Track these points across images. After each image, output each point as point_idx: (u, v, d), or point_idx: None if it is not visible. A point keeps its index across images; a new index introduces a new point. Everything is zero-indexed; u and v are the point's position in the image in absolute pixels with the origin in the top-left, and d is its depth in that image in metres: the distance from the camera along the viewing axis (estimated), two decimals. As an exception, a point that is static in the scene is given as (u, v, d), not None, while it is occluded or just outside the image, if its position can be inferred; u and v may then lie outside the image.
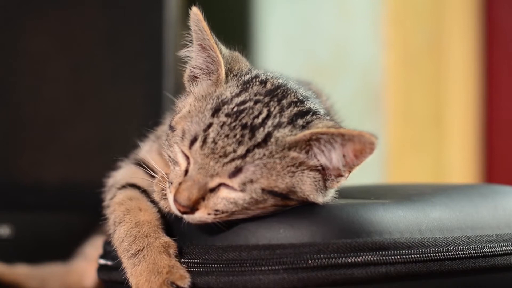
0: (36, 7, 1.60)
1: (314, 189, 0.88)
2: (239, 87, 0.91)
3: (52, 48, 1.60)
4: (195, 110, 0.90)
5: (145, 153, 1.03)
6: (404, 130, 2.32)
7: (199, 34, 0.93)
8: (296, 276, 0.84)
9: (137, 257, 0.89)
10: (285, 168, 0.86)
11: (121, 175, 1.03)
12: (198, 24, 0.92)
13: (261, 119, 0.87)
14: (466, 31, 2.42)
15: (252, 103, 0.88)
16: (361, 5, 2.32)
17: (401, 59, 2.30)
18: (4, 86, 1.59)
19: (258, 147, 0.85)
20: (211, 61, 0.93)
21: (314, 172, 0.88)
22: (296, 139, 0.87)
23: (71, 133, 1.60)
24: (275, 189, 0.86)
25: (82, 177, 1.05)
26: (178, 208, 0.86)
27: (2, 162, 1.59)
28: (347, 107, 2.29)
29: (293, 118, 0.88)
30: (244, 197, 0.85)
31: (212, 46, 0.92)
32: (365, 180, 2.13)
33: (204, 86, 0.93)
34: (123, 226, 0.92)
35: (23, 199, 1.57)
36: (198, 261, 0.88)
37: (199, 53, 0.94)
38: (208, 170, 0.85)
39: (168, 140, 0.91)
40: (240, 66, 0.95)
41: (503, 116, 2.48)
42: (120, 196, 0.97)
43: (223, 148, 0.85)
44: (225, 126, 0.86)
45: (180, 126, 0.90)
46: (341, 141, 0.86)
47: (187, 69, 0.96)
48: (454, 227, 0.93)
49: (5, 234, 1.54)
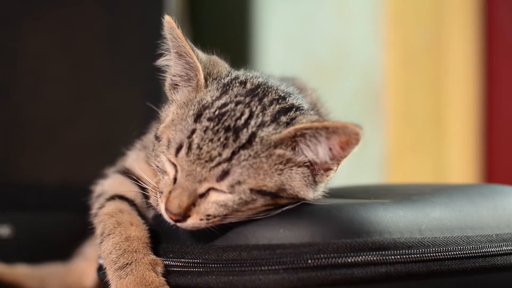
0: (36, 7, 1.60)
1: (304, 185, 0.88)
2: (219, 90, 0.91)
3: (52, 48, 1.60)
4: (178, 118, 0.90)
5: (132, 162, 1.03)
6: (404, 130, 2.32)
7: (174, 42, 0.93)
8: (296, 276, 0.84)
9: (124, 270, 0.89)
10: (273, 167, 0.86)
11: (109, 184, 1.03)
12: (172, 32, 0.92)
13: (244, 120, 0.87)
14: (466, 31, 2.42)
15: (233, 105, 0.88)
16: (361, 5, 2.32)
17: (401, 59, 2.30)
18: (4, 86, 1.59)
19: (243, 148, 0.85)
20: (189, 68, 0.93)
21: (303, 168, 0.88)
22: (281, 137, 0.86)
23: (71, 133, 1.60)
24: (264, 188, 0.86)
25: (82, 177, 1.05)
26: (170, 216, 0.87)
27: (2, 162, 1.59)
28: (347, 107, 2.30)
29: (276, 115, 0.88)
30: (234, 199, 0.85)
31: (188, 52, 0.92)
32: (365, 180, 2.13)
33: (185, 93, 0.93)
34: (113, 239, 0.92)
35: (23, 199, 1.57)
36: (198, 261, 0.88)
37: (176, 61, 0.94)
38: (196, 176, 0.85)
39: (155, 151, 0.91)
40: (219, 69, 0.95)
41: (503, 116, 2.48)
42: (110, 208, 0.97)
43: (208, 153, 0.85)
44: (209, 131, 0.86)
45: (165, 135, 0.89)
46: (326, 134, 0.86)
47: (167, 77, 0.96)
48: (454, 227, 0.93)
49: (5, 234, 1.54)
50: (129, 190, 0.99)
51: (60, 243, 1.34)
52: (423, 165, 2.36)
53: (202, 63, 0.93)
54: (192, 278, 0.88)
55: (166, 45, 0.94)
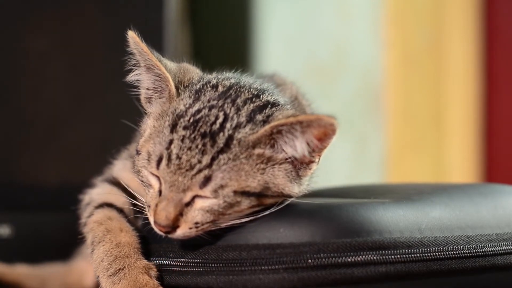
0: (36, 7, 1.60)
1: (288, 181, 0.88)
2: (191, 97, 0.90)
3: (52, 48, 1.61)
4: (155, 130, 0.90)
5: (119, 171, 1.03)
6: (404, 130, 2.32)
7: (141, 56, 0.92)
8: (296, 276, 0.84)
9: (117, 275, 0.89)
10: (254, 167, 0.86)
11: (97, 193, 1.03)
12: (137, 47, 0.92)
13: (219, 124, 0.86)
14: (466, 31, 2.42)
15: (207, 110, 0.88)
16: (361, 5, 2.32)
17: (401, 59, 2.30)
18: (4, 86, 1.60)
19: (222, 152, 0.85)
20: (159, 79, 0.93)
21: (285, 164, 0.88)
22: (258, 136, 0.86)
23: (71, 133, 1.60)
24: (247, 189, 0.86)
25: (82, 177, 1.05)
26: (160, 229, 0.87)
27: (2, 162, 1.59)
28: (347, 107, 2.30)
29: (251, 115, 0.88)
30: (218, 203, 0.85)
31: (156, 64, 0.91)
32: (365, 180, 2.13)
33: (159, 105, 0.93)
34: (103, 246, 0.92)
35: (23, 199, 1.57)
36: (198, 261, 0.88)
37: (146, 75, 0.94)
38: (179, 186, 0.85)
39: (136, 166, 0.91)
40: (190, 76, 0.94)
41: (503, 115, 2.48)
42: (99, 216, 0.97)
43: (188, 162, 0.85)
44: (186, 139, 0.86)
45: (145, 149, 0.89)
46: (301, 128, 0.85)
47: (141, 92, 0.96)
48: (454, 226, 0.93)
49: (5, 234, 1.54)
50: (117, 198, 0.99)
51: (60, 243, 1.34)
52: (423, 165, 2.36)
53: (171, 73, 0.92)
54: (192, 277, 0.88)
55: (134, 60, 0.93)
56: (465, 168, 2.40)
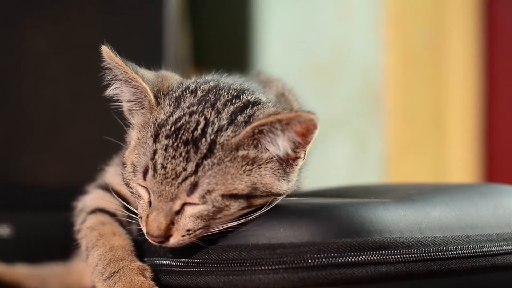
0: (36, 7, 1.60)
1: (276, 179, 0.88)
2: (171, 105, 0.90)
3: (52, 48, 1.61)
4: (139, 141, 0.90)
5: (111, 177, 1.03)
6: (404, 130, 2.32)
7: (116, 70, 0.92)
8: (296, 276, 0.84)
9: (112, 278, 0.89)
10: (240, 169, 0.86)
11: (90, 199, 1.03)
12: (111, 62, 0.92)
13: (200, 130, 0.86)
14: (466, 31, 2.42)
15: (187, 116, 0.88)
16: (361, 5, 2.32)
17: (401, 59, 2.30)
18: (4, 86, 1.59)
19: (206, 158, 0.85)
20: (138, 91, 0.92)
21: (271, 163, 0.88)
22: (241, 138, 0.86)
23: (71, 133, 1.60)
24: (235, 192, 0.86)
25: (82, 177, 1.05)
26: (153, 240, 0.87)
27: (2, 162, 1.59)
28: (347, 107, 2.30)
29: (232, 116, 0.88)
30: (207, 208, 0.85)
31: (132, 77, 0.91)
32: (365, 180, 2.13)
33: (141, 116, 0.93)
34: (97, 251, 0.93)
35: (23, 199, 1.57)
36: (198, 261, 0.88)
37: (124, 88, 0.94)
38: (167, 195, 0.85)
39: (124, 178, 0.91)
40: (169, 83, 0.94)
41: (503, 115, 2.48)
42: (91, 221, 0.98)
43: (173, 170, 0.85)
44: (169, 148, 0.85)
45: (130, 161, 0.90)
46: (281, 126, 0.85)
47: (123, 104, 0.96)
48: (454, 226, 0.93)
49: (5, 234, 1.54)
50: (110, 204, 0.99)
51: (60, 243, 1.34)
52: (423, 164, 2.36)
53: (149, 83, 0.92)
54: (192, 278, 0.88)
55: (110, 74, 0.93)
56: (465, 168, 2.41)
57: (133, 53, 1.64)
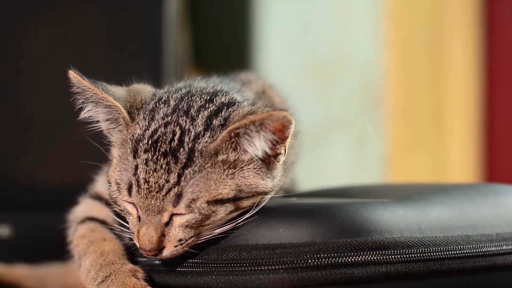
0: (36, 7, 1.60)
1: (260, 179, 0.88)
2: (146, 119, 0.90)
3: (52, 48, 1.60)
4: (120, 158, 0.90)
5: (101, 186, 1.03)
6: (404, 130, 2.32)
7: (86, 94, 0.92)
8: (296, 276, 0.84)
9: (105, 283, 0.89)
10: (222, 174, 0.86)
11: (80, 210, 1.03)
12: (80, 85, 0.91)
13: (177, 140, 0.86)
14: (466, 30, 2.42)
15: (163, 128, 0.87)
16: (361, 5, 2.32)
17: (401, 59, 2.31)
18: (4, 86, 1.59)
19: (186, 167, 0.85)
20: (111, 110, 0.92)
21: (253, 164, 0.87)
22: (218, 143, 0.86)
23: (71, 133, 1.59)
24: (220, 197, 0.85)
25: (82, 177, 1.05)
26: (147, 254, 0.87)
27: (2, 162, 1.59)
28: (347, 107, 2.30)
29: (208, 122, 0.87)
30: (194, 216, 0.85)
31: (103, 97, 0.91)
32: (365, 180, 2.13)
33: (119, 133, 0.93)
34: (88, 257, 0.93)
35: (23, 199, 1.57)
36: (198, 261, 0.88)
37: (97, 109, 0.93)
38: (154, 209, 0.85)
39: (111, 197, 0.91)
40: (141, 97, 0.93)
41: (504, 115, 2.48)
42: (82, 230, 0.98)
43: (156, 183, 0.84)
44: (149, 162, 0.85)
45: (113, 179, 0.89)
46: (255, 128, 0.85)
47: (101, 125, 0.95)
48: (455, 226, 0.93)
49: (5, 234, 1.54)
50: (99, 212, 1.00)
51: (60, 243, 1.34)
52: (423, 164, 2.36)
53: (120, 100, 0.91)
54: (192, 278, 0.88)
55: (82, 98, 0.93)
56: (465, 168, 2.41)
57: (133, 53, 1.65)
